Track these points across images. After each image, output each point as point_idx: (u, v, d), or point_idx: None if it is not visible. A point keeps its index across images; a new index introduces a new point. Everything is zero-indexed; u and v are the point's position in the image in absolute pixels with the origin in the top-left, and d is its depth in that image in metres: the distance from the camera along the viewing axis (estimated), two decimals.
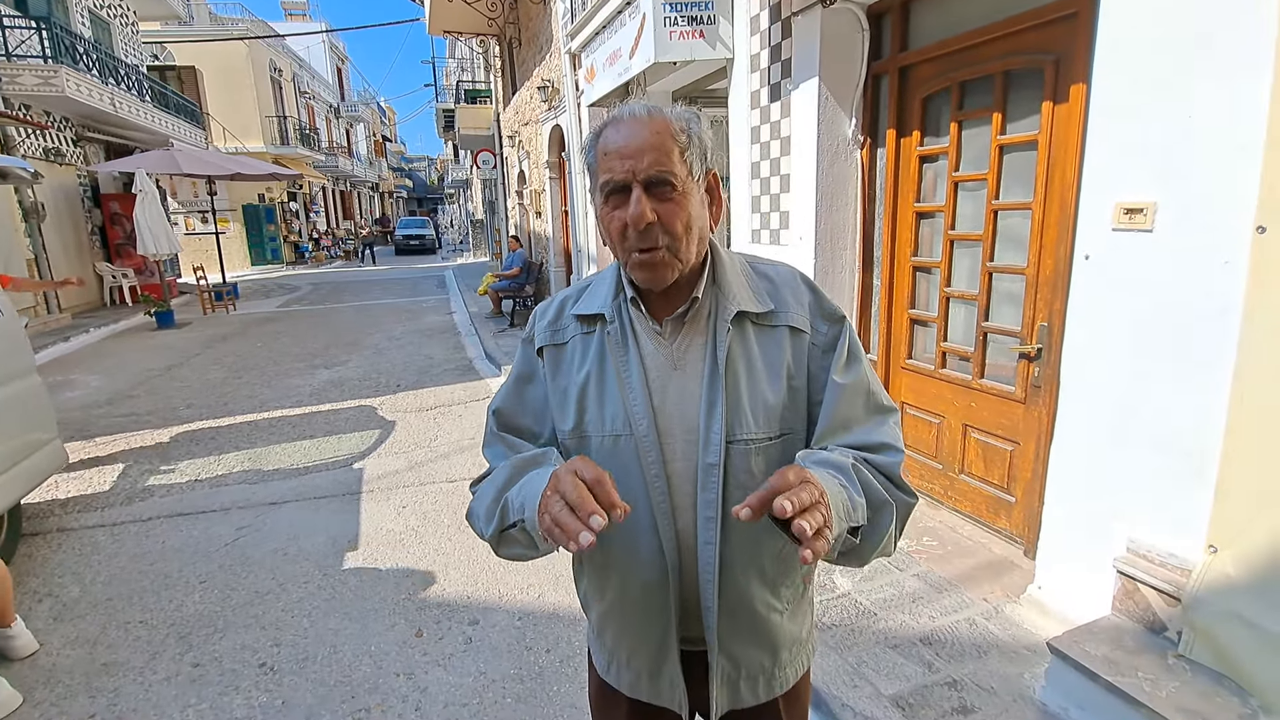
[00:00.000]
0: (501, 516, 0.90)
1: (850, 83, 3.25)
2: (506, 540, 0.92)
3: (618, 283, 0.99)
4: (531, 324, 1.05)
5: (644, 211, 0.86)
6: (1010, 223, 2.68)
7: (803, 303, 0.97)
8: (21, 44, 10.02)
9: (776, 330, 0.95)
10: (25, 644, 2.50)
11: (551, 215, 10.13)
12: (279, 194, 22.50)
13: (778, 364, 0.94)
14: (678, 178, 0.87)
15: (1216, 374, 1.77)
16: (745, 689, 1.02)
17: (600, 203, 0.92)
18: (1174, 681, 1.75)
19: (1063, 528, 2.27)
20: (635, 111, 0.89)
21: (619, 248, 0.92)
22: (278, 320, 10.86)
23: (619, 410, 0.94)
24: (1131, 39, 1.91)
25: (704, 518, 0.92)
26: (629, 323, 0.97)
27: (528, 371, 1.04)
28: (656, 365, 0.95)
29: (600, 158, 0.90)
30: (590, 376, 0.96)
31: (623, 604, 1.01)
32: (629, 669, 1.05)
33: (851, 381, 0.95)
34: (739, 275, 0.98)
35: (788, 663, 1.05)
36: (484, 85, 16.84)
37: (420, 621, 2.68)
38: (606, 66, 5.13)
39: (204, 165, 11.98)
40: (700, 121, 0.92)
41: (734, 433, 0.91)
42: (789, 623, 1.03)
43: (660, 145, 0.87)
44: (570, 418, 0.97)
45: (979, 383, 2.86)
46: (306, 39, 28.47)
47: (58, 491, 4.06)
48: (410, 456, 4.51)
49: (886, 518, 0.87)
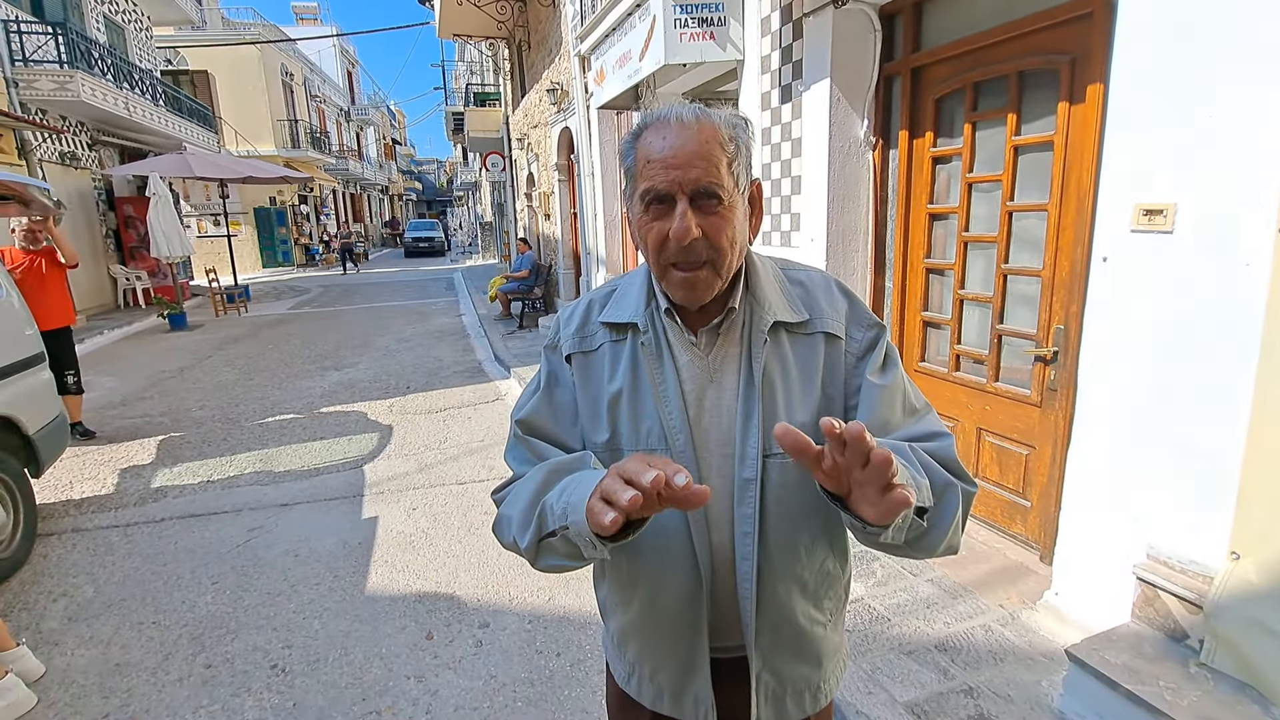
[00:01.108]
0: (539, 524, 0.83)
1: (862, 84, 3.23)
2: (546, 550, 0.85)
3: (649, 290, 0.95)
4: (556, 330, 1.01)
5: (689, 226, 0.82)
6: (1025, 224, 2.65)
7: (838, 309, 0.94)
8: (39, 49, 10.14)
9: (812, 337, 0.92)
10: (31, 668, 2.40)
11: (560, 217, 10.14)
12: (290, 197, 22.66)
13: (812, 372, 0.92)
14: (725, 190, 0.83)
15: (1238, 378, 1.74)
16: (792, 705, 0.99)
17: (639, 210, 0.87)
18: (1195, 690, 1.72)
19: (1080, 533, 2.24)
20: (683, 116, 0.84)
21: (655, 259, 0.88)
22: (288, 322, 10.94)
23: (654, 424, 0.91)
24: (1150, 39, 1.89)
25: (740, 533, 0.90)
26: (663, 333, 0.93)
27: (556, 379, 0.99)
28: (692, 378, 0.92)
29: (642, 163, 0.86)
30: (624, 388, 0.93)
31: (649, 618, 0.98)
32: (651, 683, 1.02)
33: (889, 383, 0.92)
34: (773, 283, 0.95)
35: (831, 673, 1.03)
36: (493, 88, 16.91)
37: (430, 624, 2.68)
38: (616, 69, 5.13)
39: (216, 169, 12.08)
40: (748, 128, 0.89)
41: (770, 446, 0.88)
42: (832, 634, 1.01)
43: (708, 155, 0.82)
44: (604, 430, 0.94)
45: (993, 386, 2.83)
46: (317, 43, 28.68)
47: (72, 492, 4.09)
48: (420, 458, 4.52)
49: (952, 502, 0.82)
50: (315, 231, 25.07)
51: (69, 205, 10.95)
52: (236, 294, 12.20)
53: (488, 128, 15.38)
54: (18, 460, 3.36)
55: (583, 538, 0.76)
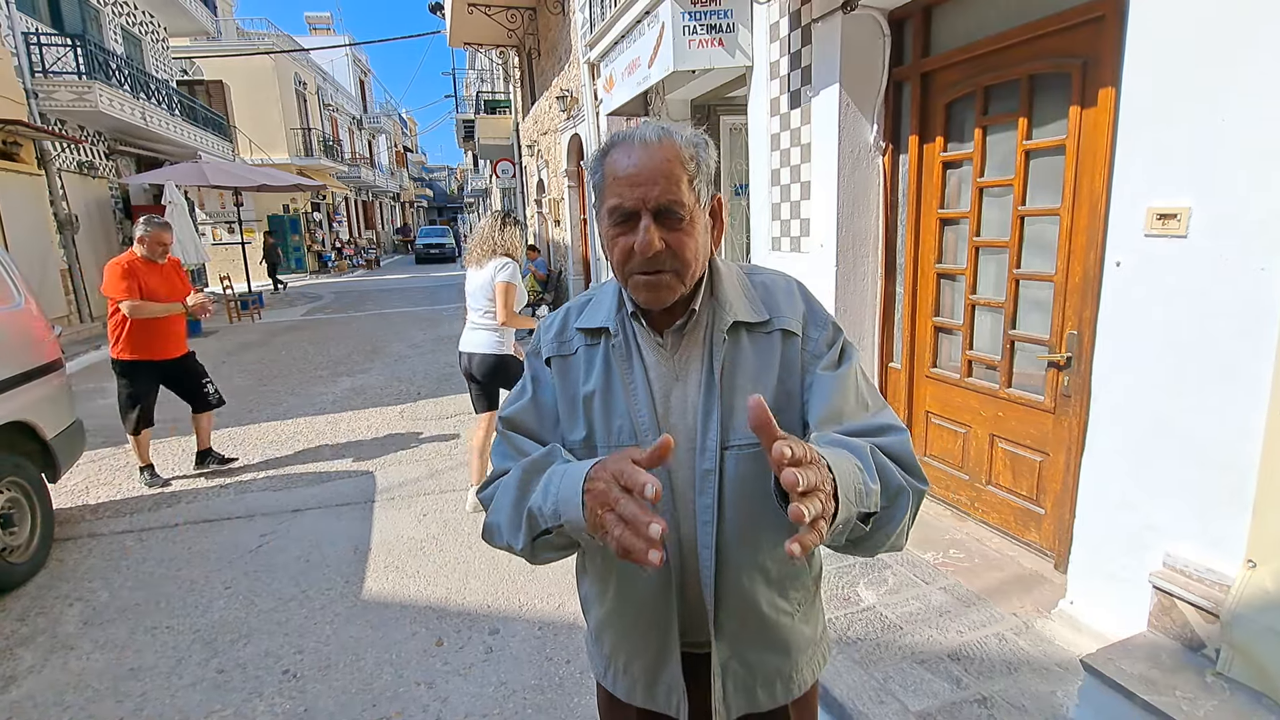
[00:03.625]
0: (530, 526, 0.87)
1: (871, 89, 3.23)
2: (543, 547, 0.89)
3: (619, 297, 1.00)
4: (538, 337, 1.07)
5: (653, 240, 0.87)
6: (1037, 229, 2.63)
7: (796, 309, 0.99)
8: (58, 60, 10.33)
9: (770, 336, 0.97)
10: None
11: (570, 223, 10.18)
12: (303, 204, 22.90)
13: (771, 368, 0.96)
14: (686, 207, 0.88)
15: (1253, 384, 1.72)
16: (763, 693, 1.02)
17: (606, 225, 0.93)
18: (1212, 700, 1.69)
19: (1095, 541, 2.22)
20: (646, 136, 0.89)
21: (620, 269, 0.93)
22: (301, 329, 11.03)
23: (625, 422, 0.96)
24: (1162, 42, 1.88)
25: (701, 522, 0.94)
26: (632, 336, 0.99)
27: (538, 381, 1.05)
28: (659, 376, 0.97)
29: (609, 180, 0.91)
30: (597, 389, 0.98)
31: (622, 610, 1.02)
32: (626, 675, 1.06)
33: (841, 373, 0.95)
34: (736, 286, 1.00)
35: (804, 665, 1.06)
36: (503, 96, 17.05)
37: (441, 630, 2.68)
38: (625, 76, 5.15)
39: (231, 177, 12.25)
40: (708, 147, 0.94)
41: (729, 439, 0.93)
42: (802, 624, 1.04)
43: (670, 173, 0.87)
44: (580, 428, 0.98)
45: (1006, 392, 2.81)
46: (330, 53, 29.01)
47: (88, 497, 4.14)
48: (430, 464, 4.54)
49: (902, 506, 0.84)
50: (328, 238, 25.32)
51: (87, 214, 11.14)
52: (250, 301, 12.33)
53: (498, 135, 15.50)
54: (35, 465, 3.41)
55: (579, 533, 0.79)
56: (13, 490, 3.21)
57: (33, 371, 3.40)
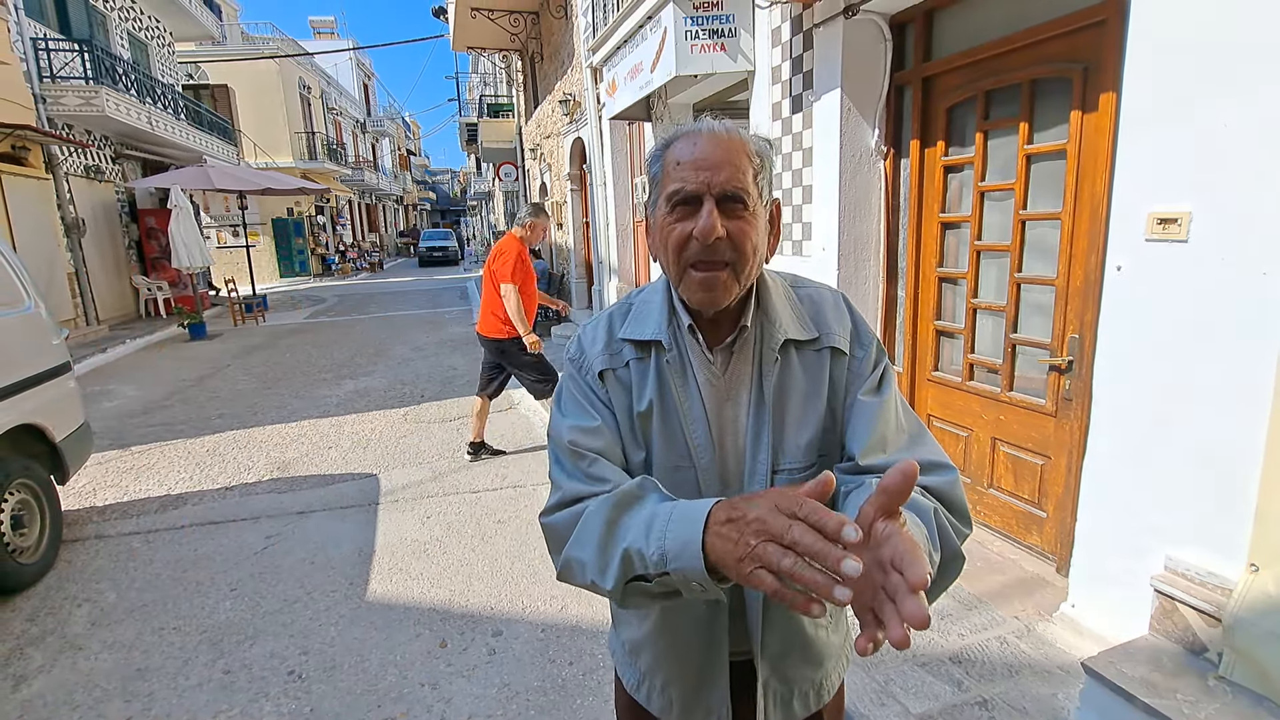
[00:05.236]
0: (625, 569, 0.77)
1: (873, 93, 3.24)
2: (634, 592, 0.79)
3: (669, 306, 0.96)
4: (580, 348, 0.99)
5: (715, 224, 0.83)
6: (1038, 233, 2.64)
7: (845, 326, 0.96)
8: (65, 65, 10.40)
9: (820, 354, 0.94)
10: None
11: (573, 227, 10.21)
12: (307, 208, 22.98)
13: (820, 387, 0.94)
14: (750, 197, 0.86)
15: (1255, 388, 1.73)
16: (799, 705, 1.04)
17: (663, 213, 0.89)
18: (1214, 704, 1.69)
19: (1097, 545, 2.22)
20: (714, 127, 0.88)
21: (674, 261, 0.89)
22: (305, 331, 11.07)
23: (680, 441, 0.93)
24: (1163, 47, 1.89)
25: None
26: (686, 351, 0.94)
27: (591, 395, 0.96)
28: (710, 396, 0.94)
29: (670, 167, 0.88)
30: (653, 406, 0.93)
31: (665, 632, 1.01)
32: (661, 695, 1.05)
33: (884, 399, 0.93)
34: (784, 300, 0.97)
35: (832, 670, 1.08)
36: (506, 99, 17.10)
37: (444, 632, 2.70)
38: (628, 80, 5.18)
39: (235, 181, 12.31)
40: (771, 149, 0.92)
41: (779, 463, 0.92)
42: (832, 635, 1.06)
43: (736, 162, 0.85)
44: (639, 449, 0.95)
45: (1008, 395, 2.82)
46: (334, 57, 29.18)
47: (96, 499, 4.17)
48: (434, 467, 4.56)
49: (954, 572, 0.81)
50: (331, 241, 25.40)
51: (94, 218, 11.20)
52: (254, 303, 12.38)
53: (501, 138, 15.55)
54: (44, 467, 3.44)
55: (689, 580, 0.71)
56: (23, 492, 3.24)
57: (43, 374, 3.43)
